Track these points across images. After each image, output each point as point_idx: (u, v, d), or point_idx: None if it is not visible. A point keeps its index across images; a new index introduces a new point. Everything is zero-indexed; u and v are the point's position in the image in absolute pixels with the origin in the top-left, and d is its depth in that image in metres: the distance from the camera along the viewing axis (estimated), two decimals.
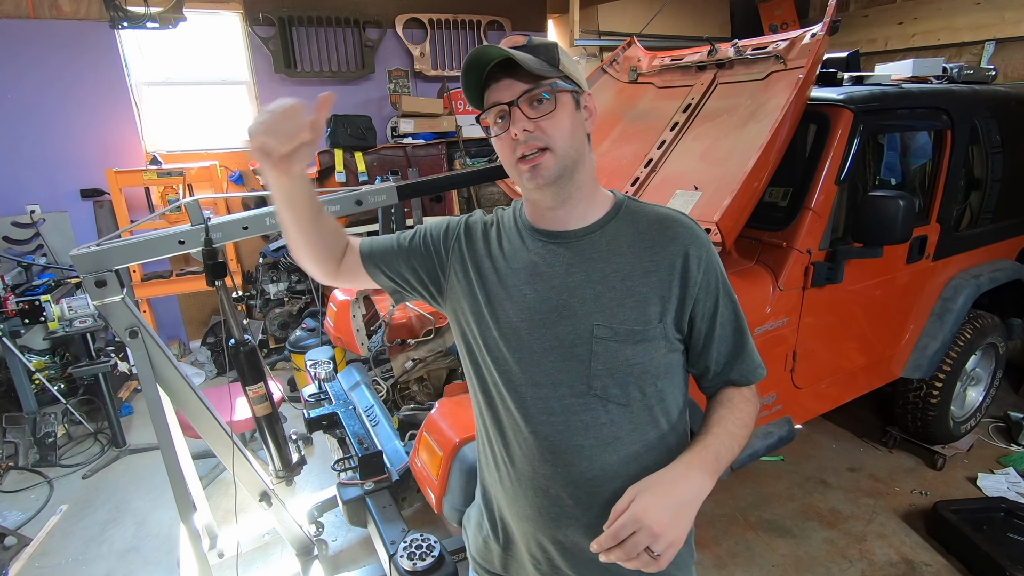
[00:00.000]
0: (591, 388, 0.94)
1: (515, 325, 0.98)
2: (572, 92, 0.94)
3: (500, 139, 0.95)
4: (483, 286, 1.02)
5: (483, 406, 1.06)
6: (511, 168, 0.97)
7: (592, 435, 0.95)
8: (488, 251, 1.04)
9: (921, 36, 4.57)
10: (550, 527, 1.00)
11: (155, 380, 1.67)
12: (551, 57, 0.93)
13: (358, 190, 1.86)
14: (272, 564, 2.48)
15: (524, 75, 0.90)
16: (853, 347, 2.52)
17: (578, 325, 0.95)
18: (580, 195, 0.98)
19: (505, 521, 1.09)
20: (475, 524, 1.20)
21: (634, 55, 2.99)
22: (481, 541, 1.16)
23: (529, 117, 0.91)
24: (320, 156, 4.29)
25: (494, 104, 0.93)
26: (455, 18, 5.06)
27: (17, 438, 3.28)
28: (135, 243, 1.55)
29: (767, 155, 1.92)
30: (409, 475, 2.11)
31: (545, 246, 1.00)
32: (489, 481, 1.11)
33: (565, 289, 0.96)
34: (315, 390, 2.64)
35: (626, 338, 0.93)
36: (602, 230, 0.98)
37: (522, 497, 1.02)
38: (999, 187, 2.79)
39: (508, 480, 1.04)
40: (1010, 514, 2.48)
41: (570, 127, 0.93)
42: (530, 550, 1.05)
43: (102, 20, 3.88)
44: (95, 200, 4.23)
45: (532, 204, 1.02)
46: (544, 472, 0.98)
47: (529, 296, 0.98)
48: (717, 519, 2.65)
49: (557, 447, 0.96)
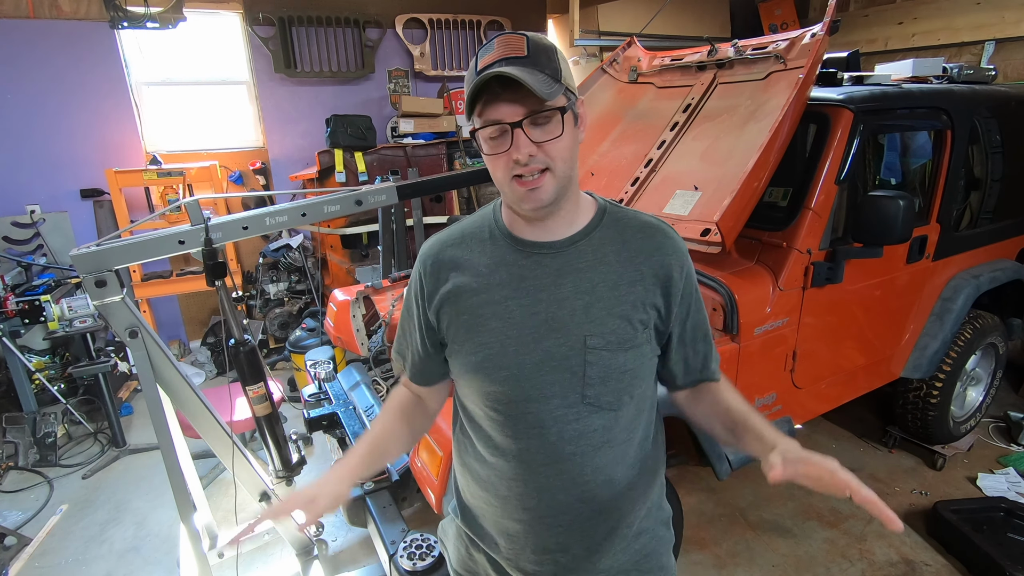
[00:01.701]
0: (584, 398, 0.94)
1: (503, 342, 0.95)
2: (572, 107, 0.90)
3: (494, 158, 0.89)
4: (467, 309, 0.98)
5: (467, 425, 1.06)
6: (503, 185, 0.92)
7: (584, 442, 0.96)
8: (463, 273, 1.00)
9: (921, 36, 4.57)
10: (545, 536, 1.01)
11: (155, 380, 1.67)
12: (554, 69, 0.87)
13: (358, 190, 1.86)
14: (272, 564, 2.48)
15: (529, 94, 0.83)
16: (853, 347, 2.52)
17: (569, 337, 0.93)
18: (568, 206, 0.96)
19: (495, 536, 1.07)
20: (454, 538, 1.19)
21: (634, 55, 2.99)
22: (464, 553, 1.15)
23: (532, 140, 0.86)
24: (320, 156, 4.29)
25: (495, 122, 0.86)
26: (455, 18, 5.06)
27: (17, 438, 3.28)
28: (135, 243, 1.56)
29: (767, 155, 1.92)
30: (409, 475, 2.11)
31: (529, 257, 0.97)
32: (472, 498, 1.10)
33: (554, 302, 0.94)
34: (315, 390, 2.64)
35: (618, 346, 0.94)
36: (588, 238, 0.97)
37: (515, 512, 1.01)
38: (999, 187, 2.79)
39: (498, 497, 1.03)
40: (1010, 514, 2.48)
41: (570, 147, 0.90)
42: (522, 563, 1.05)
43: (102, 20, 3.88)
44: (95, 200, 4.23)
45: (516, 215, 0.98)
46: (536, 483, 0.98)
47: (515, 311, 0.95)
48: (717, 519, 2.65)
49: (550, 458, 0.96)
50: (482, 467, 1.04)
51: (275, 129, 4.72)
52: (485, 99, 0.86)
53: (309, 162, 4.63)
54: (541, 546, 1.01)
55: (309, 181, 4.40)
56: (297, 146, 4.80)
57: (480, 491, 1.06)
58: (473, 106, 0.88)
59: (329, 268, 4.70)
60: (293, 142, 4.79)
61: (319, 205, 1.81)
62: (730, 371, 2.06)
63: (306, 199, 1.82)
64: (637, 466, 1.02)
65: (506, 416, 0.97)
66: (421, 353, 1.08)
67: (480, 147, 0.92)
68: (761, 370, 2.19)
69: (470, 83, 0.87)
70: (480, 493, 1.06)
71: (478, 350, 0.97)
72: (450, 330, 1.00)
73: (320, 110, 4.68)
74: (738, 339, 2.06)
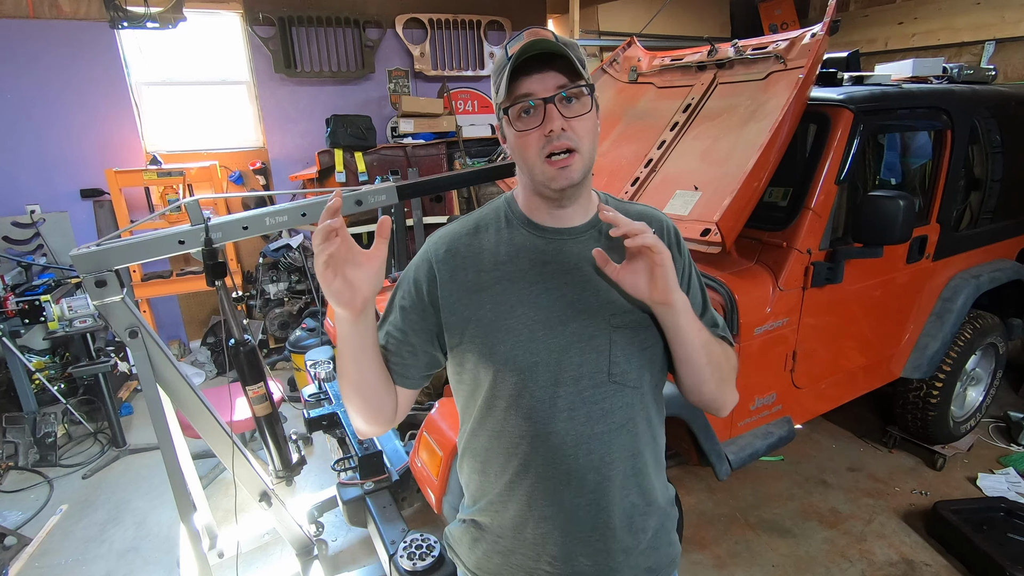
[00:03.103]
0: (611, 376, 0.97)
1: (531, 327, 0.96)
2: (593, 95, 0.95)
3: (525, 135, 0.91)
4: (490, 297, 0.98)
5: (485, 421, 1.03)
6: (534, 165, 0.93)
7: (609, 421, 0.98)
8: (482, 262, 1.00)
9: (921, 36, 4.57)
10: (574, 520, 1.00)
11: (155, 380, 1.67)
12: (579, 57, 0.91)
13: (358, 190, 1.86)
14: (272, 564, 2.48)
15: (563, 69, 0.89)
16: (853, 347, 2.52)
17: (594, 317, 0.97)
18: (586, 192, 1.01)
19: (517, 527, 1.05)
20: (470, 539, 1.14)
21: (634, 55, 2.99)
22: (481, 554, 1.11)
23: (564, 116, 0.90)
24: (320, 156, 4.29)
25: (526, 95, 0.89)
26: (455, 18, 5.06)
27: (17, 438, 3.28)
28: (135, 243, 1.56)
29: (767, 155, 1.92)
30: (409, 475, 2.11)
31: (551, 242, 1.00)
32: (491, 493, 1.06)
33: (578, 284, 0.98)
34: (315, 390, 2.64)
35: (639, 323, 0.98)
36: (599, 225, 1.01)
37: (541, 499, 1.00)
38: (999, 187, 2.79)
39: (523, 487, 1.01)
40: (1010, 514, 2.48)
41: (594, 130, 0.94)
42: (548, 549, 1.03)
43: (102, 20, 3.88)
44: (95, 200, 4.23)
45: (537, 201, 1.00)
46: (565, 468, 0.98)
47: (542, 296, 0.97)
48: (717, 519, 2.65)
49: (578, 439, 0.97)
50: (507, 458, 1.02)
51: (275, 129, 4.72)
52: (520, 78, 0.90)
53: (309, 162, 4.63)
54: (571, 530, 1.01)
55: (309, 181, 4.40)
56: (297, 146, 4.80)
57: (504, 482, 1.03)
58: (508, 85, 0.91)
59: None
60: (293, 142, 4.79)
61: (319, 205, 1.81)
62: None
63: (306, 199, 1.82)
64: (654, 443, 1.06)
65: (538, 401, 0.97)
66: (411, 347, 1.04)
67: (506, 133, 0.95)
68: (761, 370, 2.19)
69: (501, 67, 0.91)
70: (503, 484, 1.03)
71: (507, 337, 0.97)
72: (469, 323, 0.99)
73: (320, 110, 4.69)
74: (738, 339, 2.06)
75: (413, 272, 1.05)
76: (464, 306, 0.99)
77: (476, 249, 1.02)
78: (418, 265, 1.04)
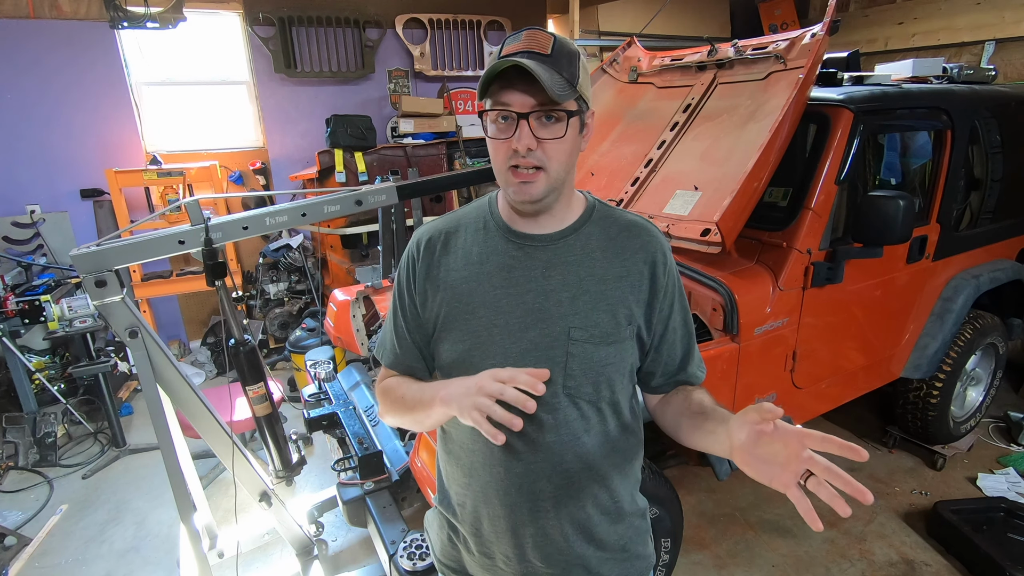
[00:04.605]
0: (565, 388, 0.97)
1: (490, 330, 0.97)
2: (580, 114, 0.92)
3: (497, 142, 0.92)
4: (458, 296, 1.00)
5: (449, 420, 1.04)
6: (500, 172, 0.94)
7: (563, 431, 0.98)
8: (454, 260, 1.02)
9: (921, 36, 4.57)
10: (524, 523, 1.02)
11: (155, 380, 1.67)
12: (572, 74, 0.89)
13: (358, 190, 1.86)
14: (272, 564, 2.48)
15: (542, 90, 0.85)
16: (853, 347, 2.52)
17: (554, 328, 0.96)
18: (559, 204, 0.99)
19: (474, 522, 1.08)
20: (437, 527, 1.20)
21: (634, 55, 2.99)
22: (446, 541, 1.17)
23: (535, 135, 0.89)
24: (320, 156, 4.29)
25: (503, 107, 0.89)
26: (455, 18, 5.06)
27: (17, 438, 3.28)
28: (135, 243, 1.56)
29: (767, 155, 1.92)
30: (409, 475, 2.11)
31: (520, 248, 1.00)
32: (455, 486, 1.11)
33: (541, 292, 0.97)
34: (315, 390, 2.65)
35: (601, 340, 0.97)
36: (576, 233, 1.01)
37: (494, 497, 1.02)
38: (999, 187, 2.79)
39: (478, 483, 1.04)
40: (1010, 514, 2.48)
41: (569, 152, 0.93)
42: (501, 548, 1.06)
43: (102, 20, 3.88)
44: (95, 200, 4.23)
45: (510, 206, 1.01)
46: (517, 471, 1.00)
47: (503, 300, 0.98)
48: (717, 519, 2.65)
49: (530, 446, 0.98)
50: (465, 455, 1.06)
51: (275, 129, 4.72)
52: (500, 84, 0.88)
53: (309, 162, 4.63)
54: (521, 532, 1.03)
55: (309, 181, 4.41)
56: (297, 146, 4.80)
57: (463, 477, 1.08)
58: (487, 88, 0.90)
59: (329, 268, 4.70)
60: (293, 142, 4.79)
61: (319, 205, 1.81)
62: (730, 371, 2.06)
63: (306, 199, 1.82)
64: (614, 457, 1.04)
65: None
66: (408, 340, 1.07)
67: (485, 129, 0.94)
68: (761, 370, 2.19)
69: (490, 65, 0.90)
70: (463, 479, 1.08)
71: (466, 338, 0.99)
72: (439, 316, 1.02)
73: (320, 110, 4.69)
74: (738, 339, 2.06)
75: (403, 273, 1.07)
76: (435, 302, 1.02)
77: (452, 247, 1.04)
78: (403, 265, 1.08)
